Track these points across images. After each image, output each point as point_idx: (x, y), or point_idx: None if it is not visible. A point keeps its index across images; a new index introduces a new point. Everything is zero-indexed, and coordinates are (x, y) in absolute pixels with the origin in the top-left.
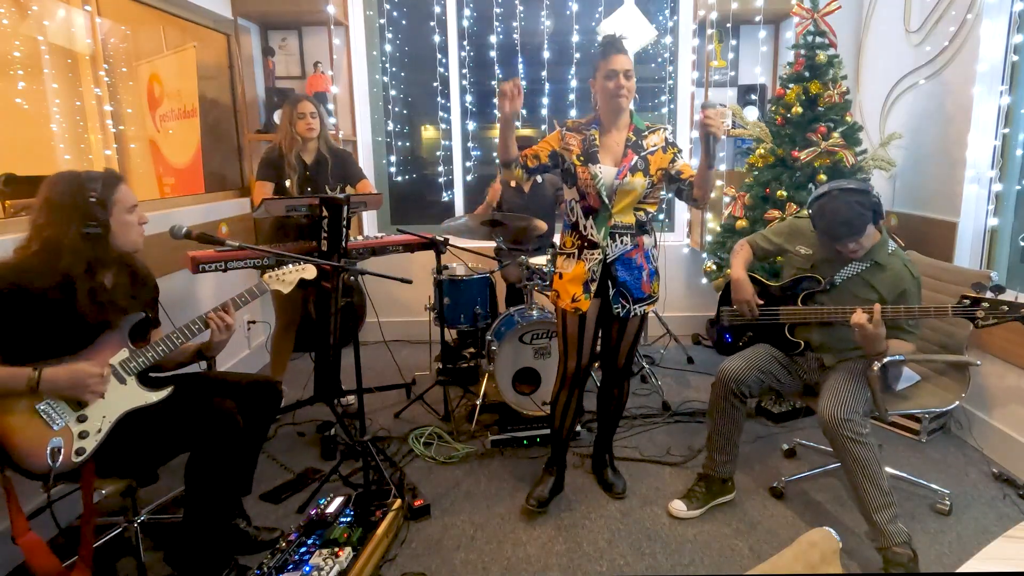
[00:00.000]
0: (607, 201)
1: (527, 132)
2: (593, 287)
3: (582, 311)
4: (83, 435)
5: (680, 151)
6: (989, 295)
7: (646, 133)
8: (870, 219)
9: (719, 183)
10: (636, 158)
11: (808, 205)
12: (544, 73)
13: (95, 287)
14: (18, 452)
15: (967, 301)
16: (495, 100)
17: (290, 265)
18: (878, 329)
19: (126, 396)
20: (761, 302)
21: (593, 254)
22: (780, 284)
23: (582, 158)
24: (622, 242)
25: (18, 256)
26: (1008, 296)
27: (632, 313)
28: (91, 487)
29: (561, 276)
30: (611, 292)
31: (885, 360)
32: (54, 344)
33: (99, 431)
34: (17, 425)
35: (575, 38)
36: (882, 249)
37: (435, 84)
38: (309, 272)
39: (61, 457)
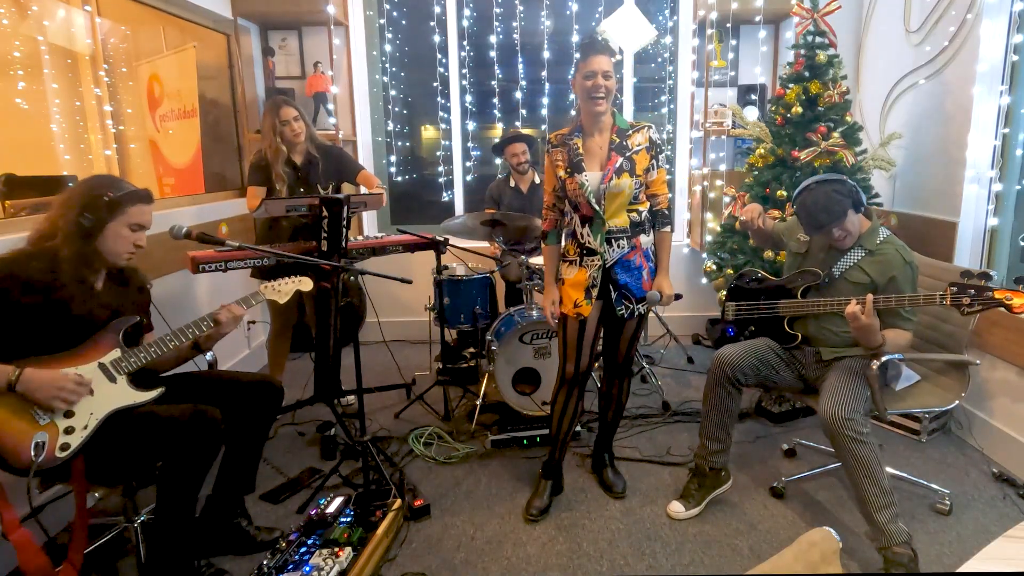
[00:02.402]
0: (598, 207)
1: (528, 132)
2: (594, 292)
3: (584, 316)
4: (69, 431)
5: (662, 151)
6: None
7: (630, 132)
8: (848, 205)
9: (719, 183)
10: (621, 159)
11: (792, 203)
12: (544, 73)
13: (85, 282)
14: (3, 447)
15: (954, 288)
16: (495, 100)
17: (287, 277)
18: (871, 320)
19: (115, 395)
20: (761, 226)
21: (593, 260)
22: (781, 279)
23: (569, 170)
24: (619, 246)
25: (18, 248)
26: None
27: (635, 313)
28: (84, 488)
29: (563, 282)
30: (613, 295)
31: (884, 358)
32: (46, 339)
33: (85, 427)
34: (3, 419)
35: (575, 38)
36: (872, 236)
37: (435, 84)
38: (305, 285)
39: (45, 452)
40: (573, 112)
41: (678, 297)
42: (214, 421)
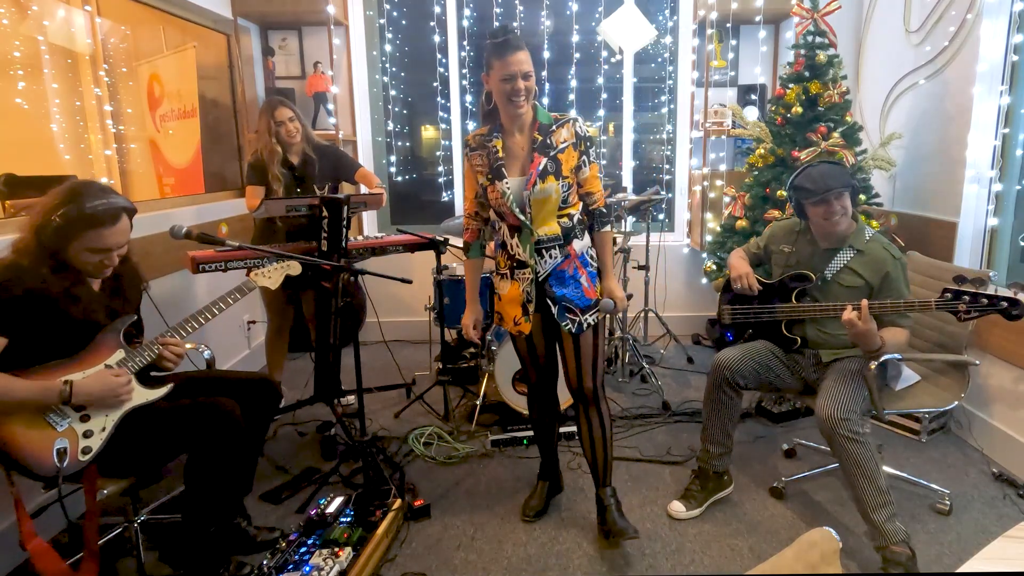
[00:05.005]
0: (523, 217)
1: None
2: (531, 308)
3: (525, 334)
4: (87, 434)
5: (591, 145)
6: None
7: (554, 128)
8: (847, 183)
9: (719, 183)
10: (545, 160)
11: (788, 187)
12: (544, 73)
13: (74, 290)
14: (24, 456)
15: (949, 295)
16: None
17: (275, 264)
18: (868, 325)
19: None
20: (759, 288)
21: (524, 273)
22: (775, 281)
23: (490, 176)
24: (551, 256)
25: (8, 259)
26: (991, 289)
27: (586, 325)
28: (94, 485)
29: (500, 298)
30: (554, 310)
31: (883, 358)
32: (50, 346)
33: (103, 430)
34: (21, 430)
35: (575, 38)
36: (860, 236)
37: (435, 84)
38: (294, 268)
39: (68, 458)
40: (573, 112)
41: (628, 298)
42: (230, 411)
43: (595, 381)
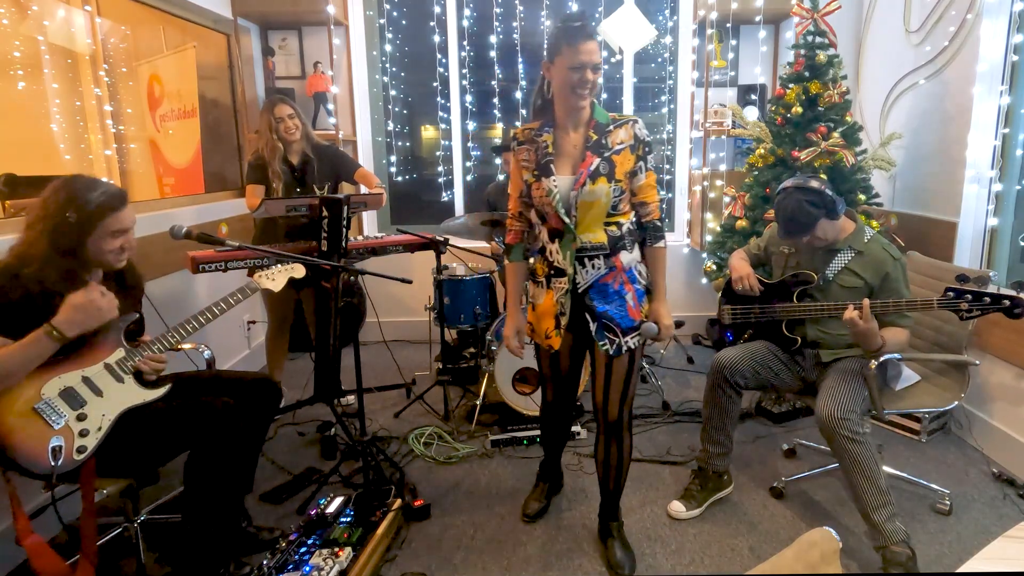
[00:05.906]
0: (568, 220)
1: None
2: (564, 321)
3: (554, 349)
4: (84, 433)
5: (650, 151)
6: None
7: (610, 128)
8: (819, 216)
9: (719, 183)
10: (598, 160)
11: (774, 199)
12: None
13: (76, 289)
14: (19, 453)
15: (951, 294)
16: (495, 100)
17: (279, 264)
18: (870, 324)
19: (125, 394)
20: (761, 288)
21: (560, 282)
22: (776, 281)
23: (536, 172)
24: (594, 267)
25: (5, 261)
26: (992, 289)
27: (625, 347)
28: (92, 486)
29: (534, 308)
30: (592, 327)
31: (883, 358)
32: None
33: (99, 428)
34: (17, 426)
35: None
36: (859, 236)
37: (435, 84)
38: (298, 271)
39: (63, 456)
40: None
41: (679, 325)
42: (230, 411)
43: (622, 409)
